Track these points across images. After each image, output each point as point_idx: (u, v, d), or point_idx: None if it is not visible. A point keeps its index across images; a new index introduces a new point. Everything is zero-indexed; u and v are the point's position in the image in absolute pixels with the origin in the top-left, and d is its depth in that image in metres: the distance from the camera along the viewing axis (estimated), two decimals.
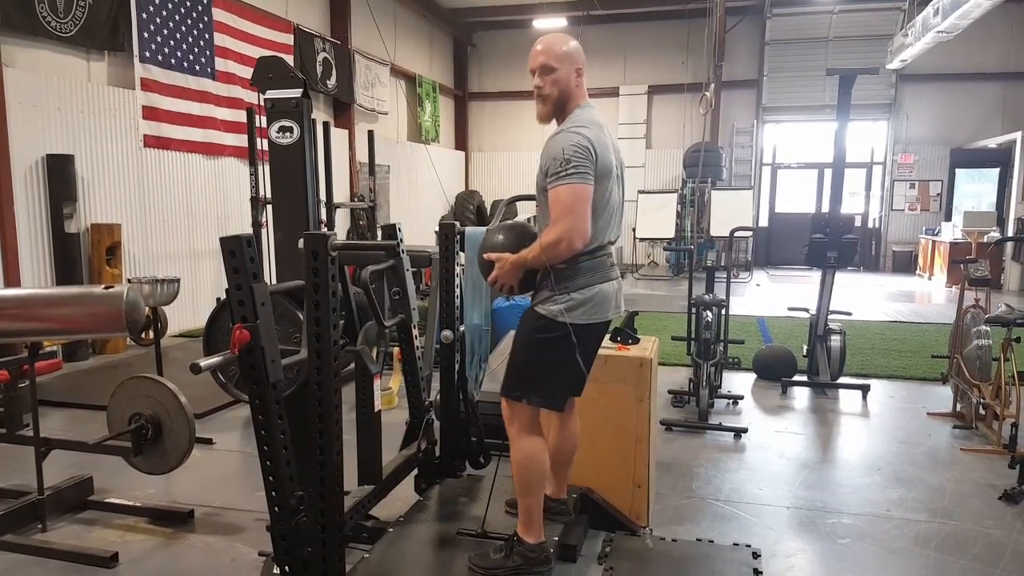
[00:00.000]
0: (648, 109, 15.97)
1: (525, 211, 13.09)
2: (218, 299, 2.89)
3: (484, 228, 3.17)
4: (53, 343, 5.94)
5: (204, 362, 2.05)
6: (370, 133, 8.85)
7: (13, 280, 6.08)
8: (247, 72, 8.45)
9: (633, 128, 15.92)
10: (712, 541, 3.12)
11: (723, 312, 5.43)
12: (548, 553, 2.53)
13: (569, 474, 2.90)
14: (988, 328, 4.76)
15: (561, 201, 2.30)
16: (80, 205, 6.72)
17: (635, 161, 15.91)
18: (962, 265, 5.53)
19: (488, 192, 16.56)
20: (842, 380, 5.79)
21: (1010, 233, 12.15)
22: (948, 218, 14.09)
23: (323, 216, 7.04)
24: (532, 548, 2.48)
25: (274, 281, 2.91)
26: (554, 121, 2.52)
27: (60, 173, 6.49)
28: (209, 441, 4.42)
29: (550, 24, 14.56)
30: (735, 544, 3.08)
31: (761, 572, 2.83)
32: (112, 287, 2.94)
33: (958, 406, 5.04)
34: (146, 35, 7.45)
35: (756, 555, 2.96)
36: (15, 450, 3.76)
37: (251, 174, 7.19)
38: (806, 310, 6.13)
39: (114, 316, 2.85)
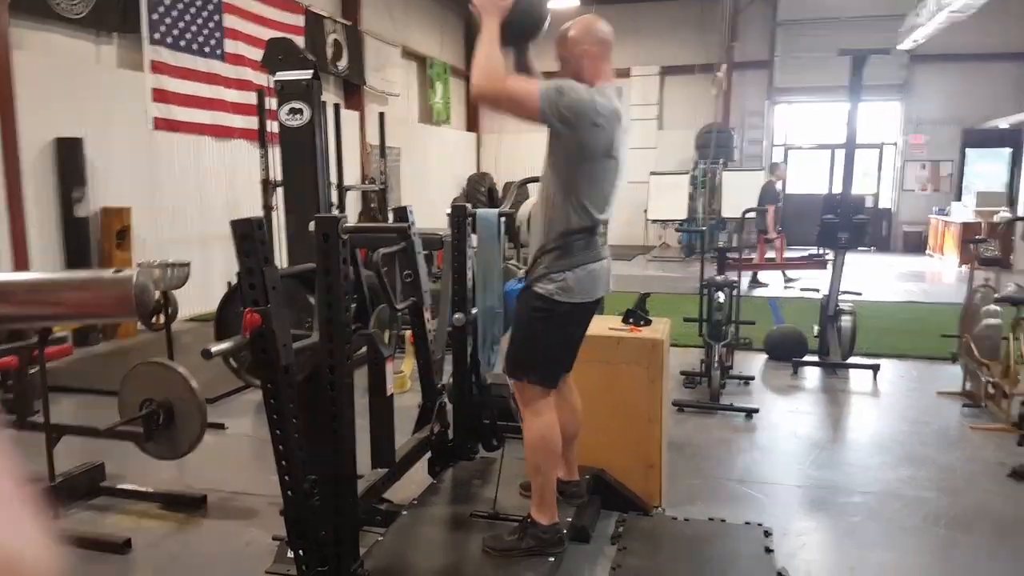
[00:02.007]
0: (660, 90, 15.82)
1: (537, 193, 13.04)
2: (229, 283, 2.90)
3: (496, 210, 3.15)
4: (63, 328, 5.97)
5: (215, 347, 2.05)
6: (381, 115, 8.82)
7: (22, 265, 6.10)
8: (257, 54, 8.38)
9: (645, 109, 15.77)
10: (724, 520, 3.12)
11: (735, 293, 5.41)
12: (562, 534, 2.54)
13: (576, 453, 2.90)
14: (998, 307, 4.72)
15: (524, 84, 2.34)
16: (89, 189, 6.72)
17: (647, 143, 15.78)
18: (972, 245, 5.49)
19: (500, 174, 16.47)
20: (853, 360, 5.76)
21: (1020, 213, 12.01)
22: (959, 198, 13.94)
23: (334, 199, 7.04)
24: (545, 530, 2.49)
25: (285, 264, 2.90)
26: None
27: (69, 157, 6.49)
28: (221, 426, 4.43)
29: (562, 4, 14.41)
30: (747, 523, 3.08)
31: (773, 550, 2.83)
32: (121, 271, 2.93)
33: (967, 385, 5.01)
34: (155, 17, 7.41)
35: (768, 533, 2.96)
36: (26, 437, 3.78)
37: (261, 156, 7.18)
38: (817, 291, 6.09)
39: (124, 300, 2.83)
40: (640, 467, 3.23)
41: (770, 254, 10.68)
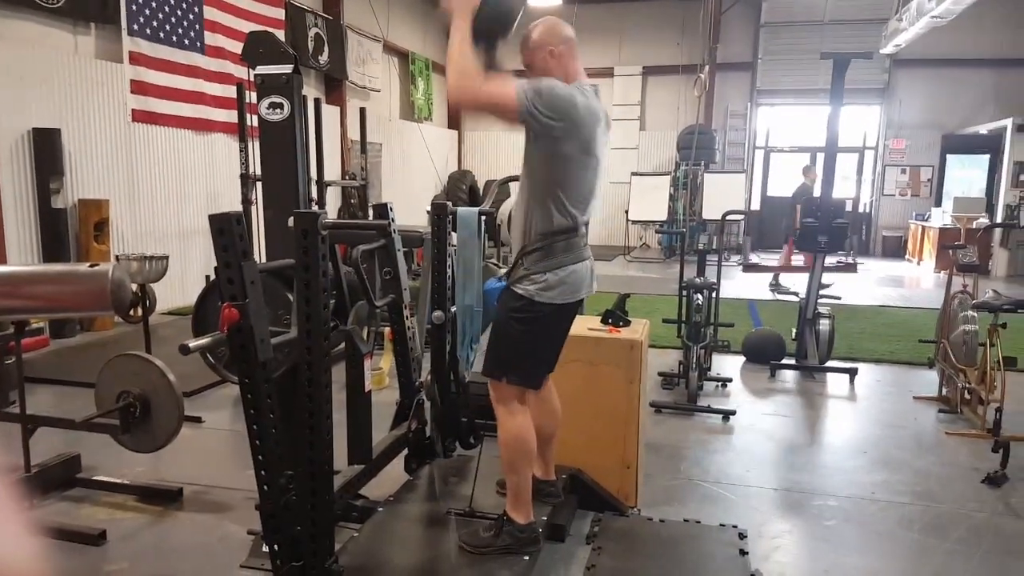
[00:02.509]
0: (643, 90, 15.89)
1: (517, 193, 13.04)
2: (207, 277, 2.87)
3: (476, 209, 3.15)
4: (40, 320, 5.89)
5: (193, 343, 2.03)
6: (362, 110, 8.78)
7: (0, 255, 6.02)
8: (237, 47, 8.31)
9: (627, 109, 15.85)
10: (699, 521, 3.14)
11: (714, 295, 5.44)
12: (537, 533, 2.54)
13: (553, 453, 2.91)
14: (975, 314, 4.79)
15: (501, 85, 2.29)
16: (67, 180, 6.63)
17: (629, 143, 15.86)
18: (951, 251, 5.56)
19: (481, 172, 16.46)
20: (830, 364, 5.82)
21: (999, 219, 12.20)
22: (938, 204, 14.13)
23: (314, 194, 6.99)
24: (522, 528, 2.50)
25: (264, 260, 2.88)
26: None
27: (46, 147, 6.39)
28: (198, 419, 4.41)
29: (545, 2, 14.41)
30: (722, 524, 3.11)
31: (747, 552, 2.86)
32: (97, 265, 2.90)
33: (944, 390, 5.09)
34: (134, 7, 7.32)
35: (743, 536, 2.99)
36: (1, 427, 3.74)
37: (241, 151, 7.13)
38: (796, 294, 6.15)
39: (99, 294, 2.81)
40: (616, 467, 3.25)
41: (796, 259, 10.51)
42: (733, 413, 4.68)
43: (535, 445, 2.55)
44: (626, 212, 14.23)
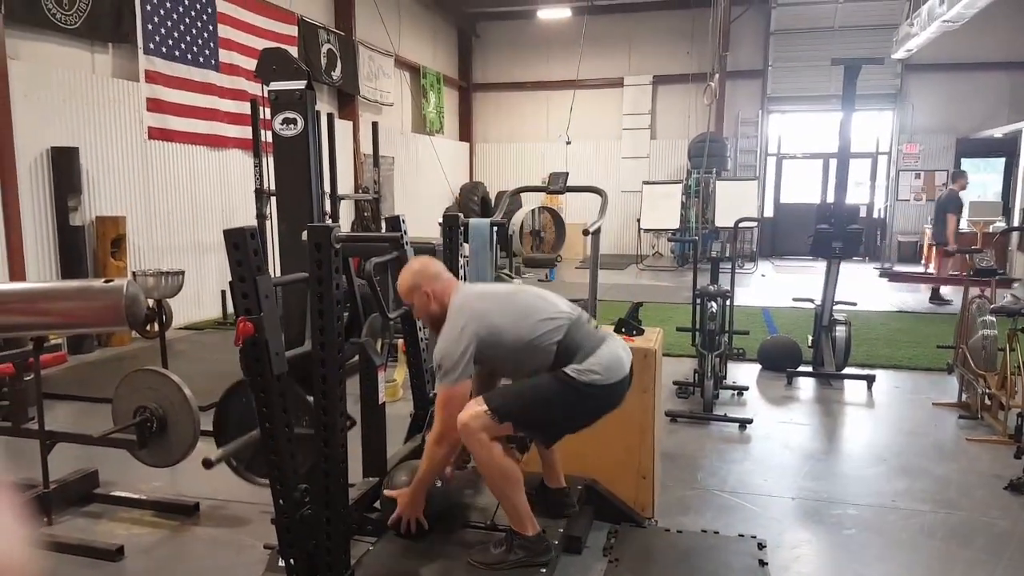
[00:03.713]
0: (653, 99, 15.90)
1: (529, 202, 13.07)
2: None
3: (487, 220, 3.16)
4: (58, 336, 5.95)
5: (216, 455, 2.08)
6: (374, 125, 8.85)
7: (18, 272, 6.09)
8: (251, 64, 8.43)
9: (637, 119, 15.86)
10: (717, 532, 3.12)
11: (728, 303, 5.41)
12: (549, 543, 2.53)
13: (558, 459, 2.88)
14: (994, 318, 4.73)
15: (439, 402, 2.45)
16: (85, 198, 6.72)
17: (639, 152, 15.87)
18: (968, 255, 5.50)
19: (492, 183, 16.51)
20: (847, 371, 5.77)
21: (1016, 223, 12.05)
22: None
23: (327, 208, 7.04)
24: (531, 539, 2.48)
25: (279, 273, 2.90)
26: None
27: (65, 166, 6.49)
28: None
29: (554, 14, 14.50)
30: (740, 535, 3.08)
31: (766, 563, 2.83)
32: (112, 280, 2.94)
33: (964, 396, 5.02)
34: (150, 27, 7.43)
35: (761, 546, 2.96)
36: (21, 443, 3.78)
37: (255, 166, 7.20)
38: (811, 301, 6.11)
39: (114, 310, 2.84)
40: (632, 478, 3.23)
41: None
42: (750, 422, 4.64)
43: (517, 467, 2.50)
44: (638, 221, 14.21)
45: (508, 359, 2.53)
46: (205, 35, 8.22)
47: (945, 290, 10.96)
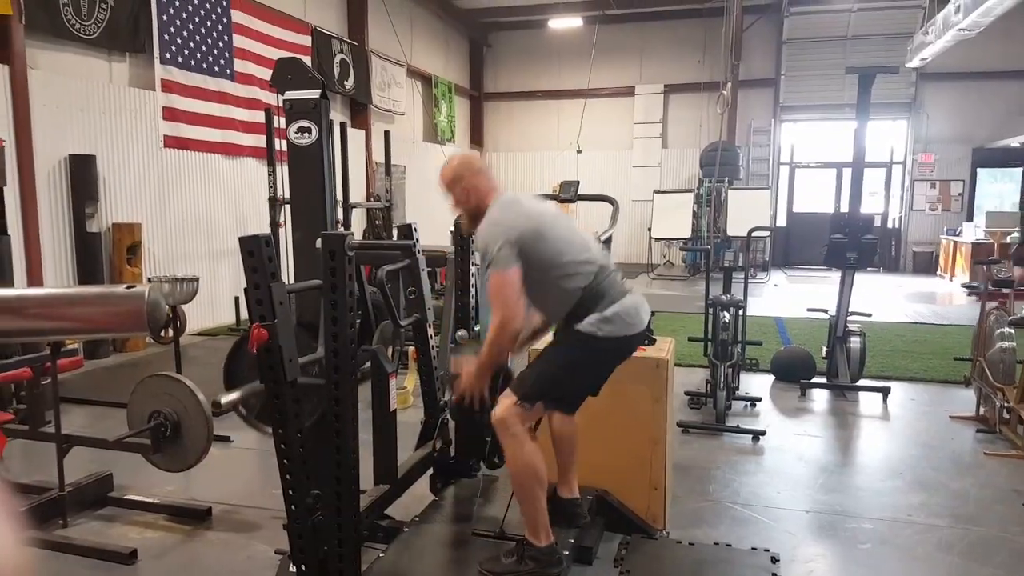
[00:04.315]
0: (664, 108, 15.90)
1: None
2: (232, 330, 2.90)
3: None
4: (74, 341, 6.01)
5: (225, 398, 2.08)
6: (386, 134, 8.89)
7: (36, 277, 6.17)
8: (265, 73, 8.50)
9: (649, 128, 15.86)
10: (730, 545, 3.09)
11: (741, 313, 5.39)
12: (560, 555, 2.51)
13: (575, 467, 2.87)
14: (1012, 330, 4.68)
15: (492, 289, 2.45)
16: (102, 205, 6.80)
17: (651, 161, 15.85)
18: (984, 266, 5.46)
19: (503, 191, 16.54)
20: (862, 382, 5.71)
21: None
22: (970, 218, 13.89)
23: (340, 216, 7.08)
24: (543, 551, 2.47)
25: (292, 281, 2.91)
26: None
27: (82, 173, 6.57)
28: (227, 439, 4.45)
29: (565, 24, 14.55)
30: (753, 548, 3.05)
31: None
32: (134, 286, 2.97)
33: (981, 409, 4.96)
34: (166, 37, 7.53)
35: (775, 560, 2.93)
36: (37, 446, 3.82)
37: (269, 174, 7.25)
38: (825, 311, 6.06)
39: (135, 315, 2.87)
40: (644, 489, 3.21)
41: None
42: (763, 433, 4.61)
43: (544, 471, 2.51)
44: (649, 230, 14.18)
45: (537, 276, 2.47)
46: (220, 45, 8.31)
47: (961, 301, 10.86)
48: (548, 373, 2.51)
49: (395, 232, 3.19)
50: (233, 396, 2.11)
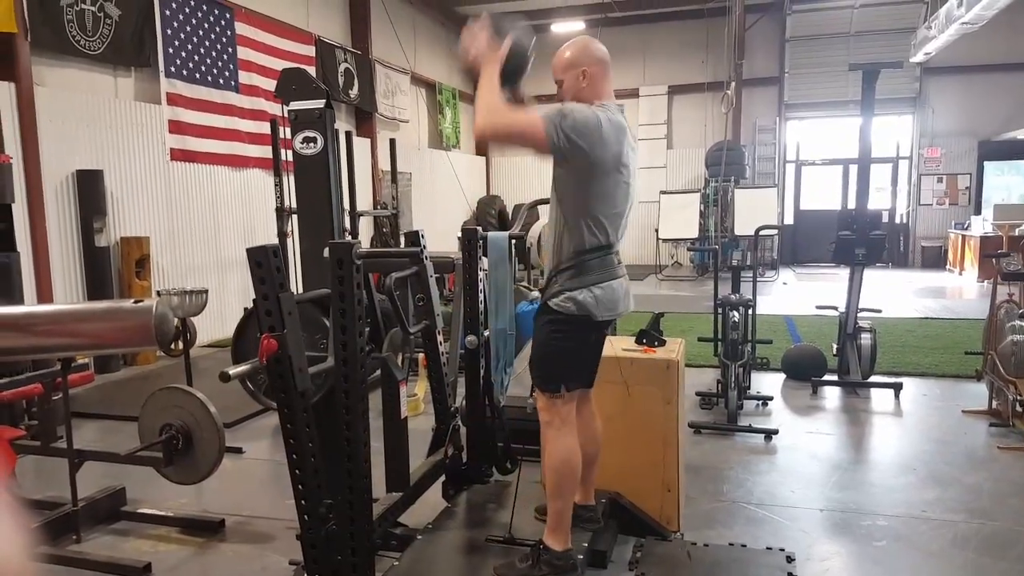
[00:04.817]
0: (669, 109, 15.89)
1: (547, 215, 13.07)
2: (246, 308, 2.92)
3: (505, 233, 3.17)
4: (85, 356, 6.04)
5: (233, 370, 2.07)
6: (392, 141, 8.92)
7: (46, 292, 6.20)
8: (270, 84, 8.53)
9: (654, 129, 15.85)
10: (745, 545, 3.07)
11: (750, 312, 5.37)
12: (575, 560, 2.50)
13: (594, 478, 2.88)
14: (1023, 323, 4.65)
15: (526, 115, 2.36)
16: (110, 219, 6.84)
17: (656, 162, 15.84)
18: (994, 259, 5.42)
19: (510, 196, 16.57)
20: (874, 379, 5.68)
21: None
22: (978, 212, 13.80)
23: (347, 224, 7.10)
24: (559, 555, 2.46)
25: (301, 290, 2.93)
26: None
27: (90, 188, 6.62)
28: (239, 450, 4.46)
29: (568, 27, 14.56)
30: (768, 548, 3.03)
31: None
32: (141, 301, 2.98)
33: (994, 403, 4.93)
34: (171, 50, 7.57)
35: (790, 559, 2.91)
36: (49, 462, 3.83)
37: (276, 185, 7.27)
38: (835, 308, 6.04)
39: (143, 330, 2.88)
40: (657, 490, 3.20)
41: None
42: (775, 432, 4.59)
43: (580, 470, 2.52)
44: (656, 231, 14.15)
45: (573, 187, 2.41)
46: (225, 57, 8.36)
47: (971, 295, 10.80)
48: (542, 357, 2.51)
49: (402, 239, 3.19)
50: (241, 368, 2.10)
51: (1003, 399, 4.76)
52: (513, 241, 3.20)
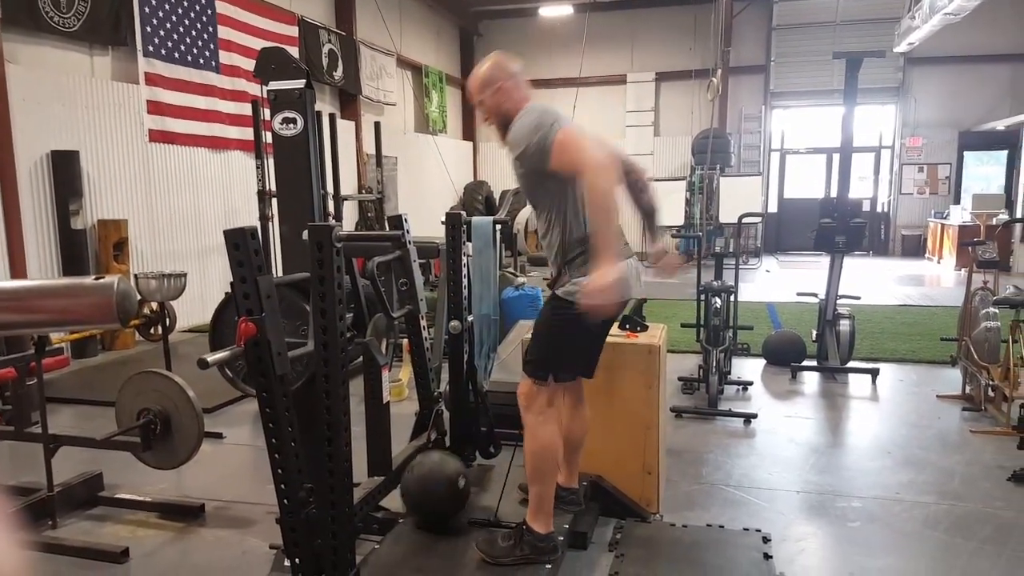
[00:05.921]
0: (656, 96, 15.87)
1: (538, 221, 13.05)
2: (226, 293, 2.89)
3: (490, 218, 3.15)
4: (61, 340, 5.96)
5: (211, 357, 2.04)
6: (377, 124, 8.84)
7: (20, 276, 6.09)
8: (251, 65, 8.42)
9: (641, 116, 15.83)
10: (723, 526, 3.11)
11: (732, 298, 5.41)
12: (557, 543, 2.52)
13: (579, 462, 2.90)
14: (996, 310, 4.72)
15: (567, 147, 2.29)
16: (86, 201, 6.73)
17: (643, 149, 15.83)
18: (971, 247, 5.49)
19: (497, 182, 16.50)
20: (852, 364, 5.76)
21: (1019, 215, 12.04)
22: (957, 201, 13.97)
23: (331, 208, 7.04)
24: (541, 538, 2.48)
25: (282, 275, 2.90)
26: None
27: (65, 169, 6.49)
28: (219, 435, 4.43)
29: (556, 12, 14.48)
30: (745, 529, 3.07)
31: (771, 556, 2.82)
32: (103, 277, 2.90)
33: (967, 388, 5.01)
34: (149, 29, 7.43)
35: (766, 540, 2.95)
36: (24, 447, 3.79)
37: (257, 167, 7.19)
38: (815, 295, 6.09)
39: (105, 307, 2.79)
40: (638, 473, 3.22)
41: None
42: (755, 416, 4.64)
43: (561, 455, 2.53)
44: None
45: (562, 183, 2.40)
46: (205, 36, 8.22)
47: (949, 283, 10.94)
48: (542, 343, 2.51)
49: (387, 224, 3.17)
50: (220, 355, 2.07)
51: (976, 384, 4.84)
52: (498, 226, 3.19)
